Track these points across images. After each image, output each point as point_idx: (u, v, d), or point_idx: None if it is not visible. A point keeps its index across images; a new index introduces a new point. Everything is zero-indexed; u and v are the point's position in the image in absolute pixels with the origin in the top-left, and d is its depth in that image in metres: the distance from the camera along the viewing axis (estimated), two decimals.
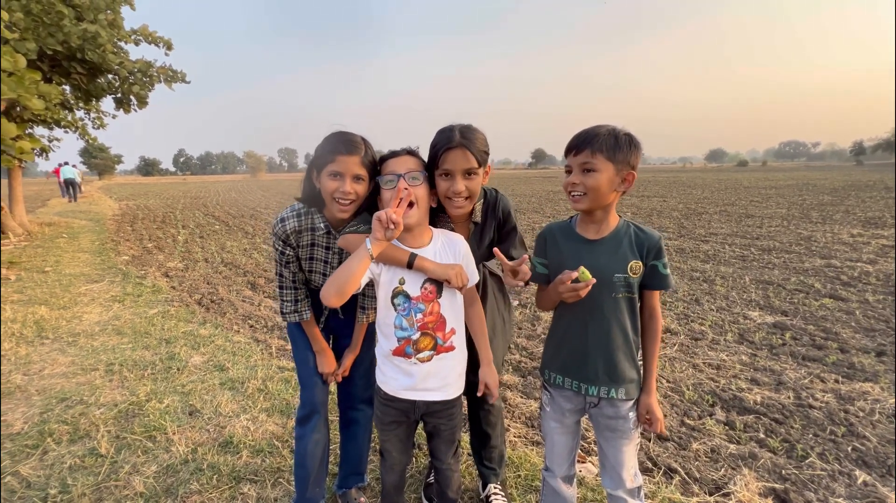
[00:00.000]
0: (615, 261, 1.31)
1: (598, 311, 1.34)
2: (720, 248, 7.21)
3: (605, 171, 1.24)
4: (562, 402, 1.46)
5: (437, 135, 1.44)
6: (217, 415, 2.56)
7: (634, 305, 1.35)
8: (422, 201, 1.35)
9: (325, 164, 1.39)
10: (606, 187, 1.26)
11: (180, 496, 1.92)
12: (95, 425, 2.44)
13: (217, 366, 3.23)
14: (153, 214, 13.80)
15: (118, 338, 3.77)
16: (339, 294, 1.24)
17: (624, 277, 1.30)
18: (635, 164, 1.28)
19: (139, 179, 78.54)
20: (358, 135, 1.45)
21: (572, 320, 1.39)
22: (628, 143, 1.25)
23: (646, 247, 1.31)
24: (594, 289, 1.28)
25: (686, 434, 2.41)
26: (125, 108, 8.68)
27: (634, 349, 1.36)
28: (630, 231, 1.34)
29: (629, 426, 1.38)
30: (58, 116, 8.74)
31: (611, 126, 1.27)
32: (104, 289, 5.36)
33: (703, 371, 3.13)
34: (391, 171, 1.36)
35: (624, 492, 1.43)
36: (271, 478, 2.03)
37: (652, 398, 1.37)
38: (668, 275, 1.33)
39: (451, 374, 1.44)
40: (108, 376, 3.07)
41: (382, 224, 1.17)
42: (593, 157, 1.24)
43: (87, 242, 8.78)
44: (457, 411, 1.50)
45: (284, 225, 1.49)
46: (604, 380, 1.36)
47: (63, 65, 7.10)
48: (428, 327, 1.36)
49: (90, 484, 1.99)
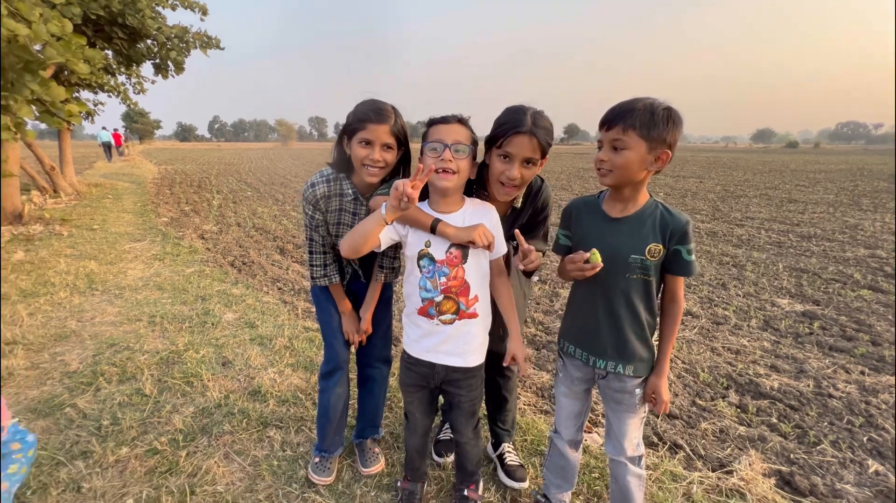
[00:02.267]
0: (634, 241, 1.29)
1: (611, 290, 1.34)
2: (755, 232, 6.92)
3: (637, 148, 1.19)
4: (572, 371, 1.52)
5: (507, 113, 1.39)
6: (247, 366, 2.76)
7: (650, 287, 1.33)
8: (462, 173, 1.34)
9: (356, 131, 1.43)
10: (636, 166, 1.21)
11: (214, 435, 2.12)
12: (140, 369, 2.69)
13: (247, 323, 3.44)
14: (190, 179, 14.34)
15: (159, 293, 4.06)
16: (353, 250, 1.30)
17: (640, 259, 1.28)
18: (672, 142, 1.21)
19: (177, 144, 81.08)
20: (388, 104, 1.48)
21: (587, 295, 1.42)
22: (666, 120, 1.18)
23: (670, 230, 1.27)
24: (609, 268, 1.28)
25: (696, 414, 2.43)
26: (163, 74, 8.92)
27: (647, 330, 1.36)
28: (657, 212, 1.30)
29: (634, 401, 1.41)
30: (102, 81, 9.09)
31: (650, 99, 1.20)
32: (146, 247, 5.71)
33: (721, 355, 3.10)
34: (438, 138, 1.32)
35: (625, 458, 1.49)
36: (295, 426, 2.21)
37: (661, 380, 1.38)
38: (692, 261, 1.28)
39: (472, 342, 1.46)
40: (150, 327, 3.33)
41: (398, 194, 1.20)
42: (625, 133, 1.19)
43: (129, 203, 9.28)
44: (476, 383, 1.52)
45: (314, 189, 1.56)
46: (612, 355, 1.39)
47: (105, 30, 7.31)
48: (451, 291, 1.39)
49: (137, 418, 2.22)
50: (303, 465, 1.94)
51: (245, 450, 2.03)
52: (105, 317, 3.49)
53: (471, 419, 1.57)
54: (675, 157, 13.51)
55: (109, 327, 3.32)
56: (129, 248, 5.65)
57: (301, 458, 1.99)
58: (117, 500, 1.73)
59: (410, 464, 1.72)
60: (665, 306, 1.38)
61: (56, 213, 7.61)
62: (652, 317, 1.37)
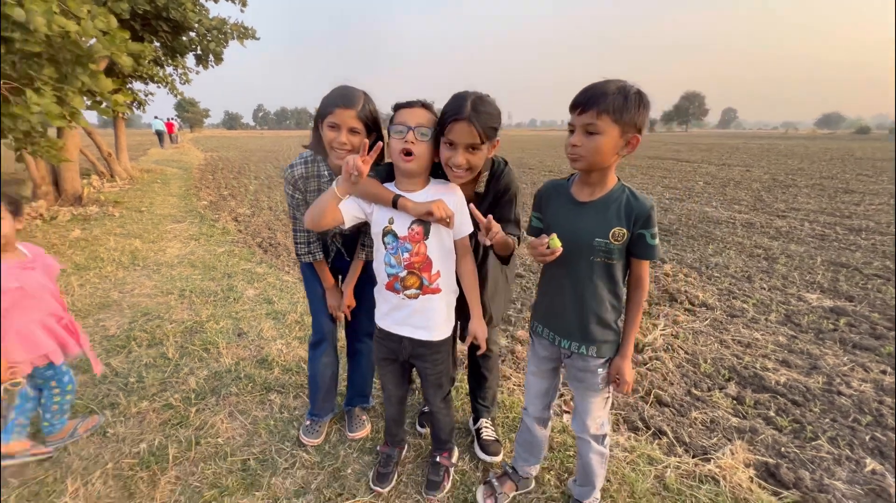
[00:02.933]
0: (598, 225, 1.31)
1: (575, 272, 1.37)
2: (798, 224, 6.49)
3: (610, 133, 1.19)
4: (539, 350, 1.57)
5: (450, 101, 1.42)
6: (259, 338, 2.99)
7: (614, 271, 1.34)
8: (424, 156, 1.40)
9: (326, 115, 1.53)
10: (608, 151, 1.21)
11: (222, 395, 2.34)
12: (167, 336, 2.98)
13: (266, 299, 3.69)
14: (231, 165, 15.11)
15: (191, 270, 4.41)
16: (313, 223, 1.38)
17: (604, 243, 1.30)
18: (641, 126, 1.21)
19: (224, 133, 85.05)
20: (359, 90, 1.56)
21: (553, 276, 1.46)
22: (637, 104, 1.18)
23: (635, 214, 1.28)
24: (573, 251, 1.31)
25: (688, 403, 2.41)
26: (204, 65, 9.43)
27: (611, 312, 1.38)
28: (623, 196, 1.30)
29: (597, 381, 1.45)
30: (151, 72, 9.73)
31: (621, 82, 1.19)
32: (184, 228, 6.16)
33: (729, 347, 3.01)
34: (402, 121, 1.37)
35: (588, 436, 1.54)
36: (294, 392, 2.39)
37: (625, 361, 1.40)
38: (655, 245, 1.30)
39: (436, 316, 1.53)
40: (180, 299, 3.64)
41: (348, 168, 1.25)
42: (598, 118, 1.17)
43: (175, 188, 9.95)
44: (441, 357, 1.59)
45: (293, 170, 1.68)
46: (576, 335, 1.42)
47: (151, 23, 7.80)
48: (414, 267, 1.46)
49: (158, 378, 2.49)
50: (296, 427, 2.11)
51: (247, 411, 2.23)
52: (143, 290, 3.85)
53: (438, 390, 1.66)
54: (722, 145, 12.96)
55: (145, 298, 3.66)
56: (170, 229, 6.11)
57: (296, 421, 2.16)
58: (134, 445, 1.97)
59: (388, 430, 1.85)
60: (630, 290, 1.39)
61: (111, 195, 8.31)
62: (617, 299, 1.38)
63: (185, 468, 1.86)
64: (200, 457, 1.92)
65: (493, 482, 1.74)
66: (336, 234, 1.83)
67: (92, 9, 4.20)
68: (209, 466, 1.86)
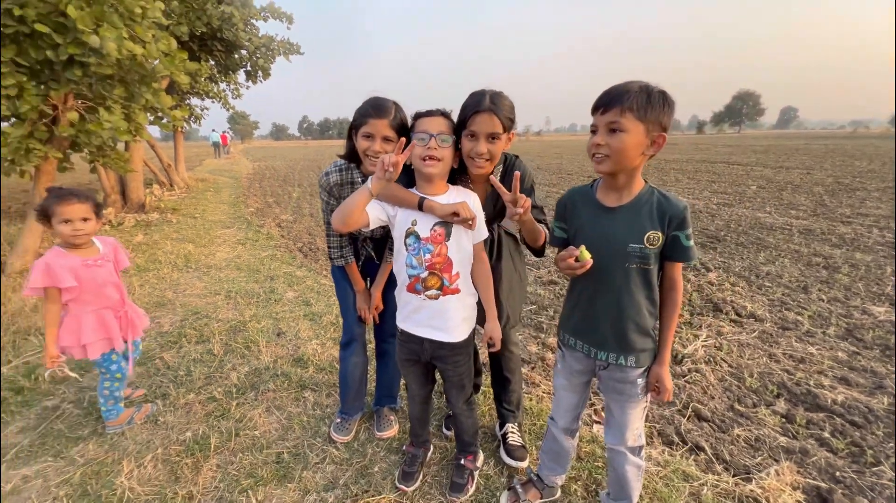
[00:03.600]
0: (631, 231, 1.27)
1: (610, 281, 1.32)
2: (865, 231, 5.96)
3: (634, 131, 1.17)
4: (572, 363, 1.52)
5: (469, 97, 1.52)
6: (296, 337, 3.13)
7: (650, 276, 1.31)
8: (446, 160, 1.48)
9: (360, 125, 1.61)
10: (634, 150, 1.19)
11: (261, 391, 2.48)
12: (213, 333, 3.18)
13: (304, 301, 3.85)
14: (277, 174, 15.91)
15: (237, 273, 4.69)
16: (343, 223, 1.44)
17: (640, 248, 1.26)
18: (667, 125, 1.19)
19: (271, 143, 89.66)
20: (390, 100, 1.63)
21: (585, 286, 1.41)
22: (661, 102, 1.17)
23: (668, 216, 1.24)
24: (606, 259, 1.29)
25: (731, 419, 2.27)
26: (253, 80, 10.05)
27: (649, 319, 1.34)
28: (653, 199, 1.27)
29: (636, 391, 1.40)
30: (206, 88, 10.50)
31: (643, 82, 1.19)
32: (232, 233, 6.56)
33: (779, 362, 2.81)
34: (424, 129, 1.45)
35: (625, 447, 1.48)
36: (326, 390, 2.49)
37: (663, 368, 1.36)
38: (691, 247, 1.26)
39: (455, 317, 1.56)
40: (226, 300, 3.89)
41: (384, 166, 1.30)
42: (622, 115, 1.16)
43: (226, 196, 10.62)
44: (462, 359, 1.62)
45: (328, 178, 1.77)
46: (613, 346, 1.38)
47: (207, 44, 8.43)
48: (435, 267, 1.50)
49: (204, 372, 2.67)
50: (328, 424, 2.19)
51: (283, 406, 2.35)
52: (194, 290, 4.14)
53: (460, 392, 1.68)
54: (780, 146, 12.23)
55: (196, 298, 3.93)
56: (220, 234, 6.53)
57: (327, 418, 2.25)
58: (181, 433, 2.13)
59: (413, 430, 1.88)
60: (664, 293, 1.35)
61: (169, 203, 8.98)
62: (653, 305, 1.34)
63: (224, 457, 1.98)
64: (239, 448, 2.04)
65: (518, 488, 1.73)
66: (367, 238, 1.90)
67: (156, 33, 4.61)
68: (246, 457, 1.97)
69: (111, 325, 2.08)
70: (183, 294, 4.05)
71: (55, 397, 2.45)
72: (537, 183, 1.83)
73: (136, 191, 8.17)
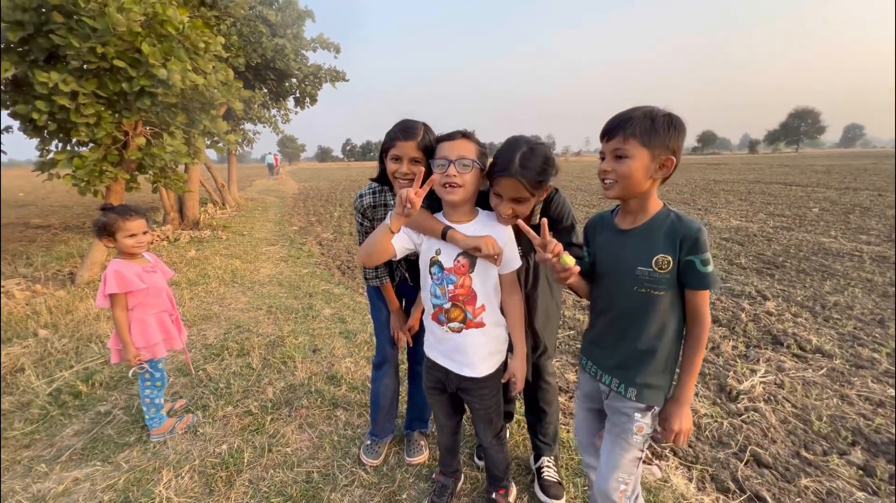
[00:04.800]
0: (641, 253, 1.23)
1: (617, 304, 1.30)
2: None
3: (639, 157, 1.16)
4: (584, 385, 1.47)
5: (501, 150, 1.40)
6: (331, 355, 3.17)
7: (661, 304, 1.22)
8: (468, 186, 1.38)
9: (389, 148, 1.63)
10: (640, 174, 1.18)
11: (294, 407, 2.50)
12: (253, 347, 3.28)
13: (340, 318, 3.92)
14: (320, 194, 16.59)
15: (279, 289, 4.86)
16: (368, 258, 1.41)
17: (648, 272, 1.21)
18: (676, 148, 1.17)
19: (316, 165, 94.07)
20: (419, 122, 1.64)
21: (598, 306, 1.39)
22: (666, 126, 1.15)
23: (680, 238, 1.18)
24: (616, 281, 1.28)
25: (797, 467, 2.04)
26: (301, 106, 10.65)
27: (660, 352, 1.24)
28: (668, 220, 1.22)
29: (630, 428, 1.28)
30: (259, 115, 11.24)
31: (648, 107, 1.18)
32: (276, 250, 6.85)
33: (853, 404, 2.52)
34: (443, 155, 1.38)
35: (601, 497, 1.32)
36: (358, 410, 2.48)
37: (679, 407, 1.24)
38: (708, 273, 1.17)
39: (479, 352, 1.48)
40: (267, 315, 4.02)
41: (402, 202, 1.25)
42: (625, 142, 1.17)
43: (272, 214, 11.16)
44: (489, 392, 1.53)
45: (362, 200, 1.80)
46: (615, 372, 1.32)
47: (262, 73, 9.06)
48: (458, 299, 1.44)
49: (242, 386, 2.74)
50: (357, 445, 2.17)
51: (315, 424, 2.36)
52: (238, 305, 4.32)
53: (488, 426, 1.60)
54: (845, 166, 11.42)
55: (239, 313, 4.10)
56: (265, 251, 6.83)
57: (357, 439, 2.23)
58: (217, 446, 2.18)
59: (442, 459, 1.82)
60: (688, 327, 1.25)
61: (221, 221, 9.55)
62: (667, 338, 1.24)
63: (257, 472, 2.00)
64: (271, 464, 2.05)
65: None
66: (402, 260, 1.91)
67: (216, 65, 5.01)
68: (277, 474, 1.98)
69: (170, 327, 2.28)
70: (228, 308, 4.23)
71: (107, 402, 2.60)
72: (576, 204, 1.74)
73: (193, 209, 8.76)
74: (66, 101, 3.84)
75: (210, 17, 5.92)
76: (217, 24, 6.48)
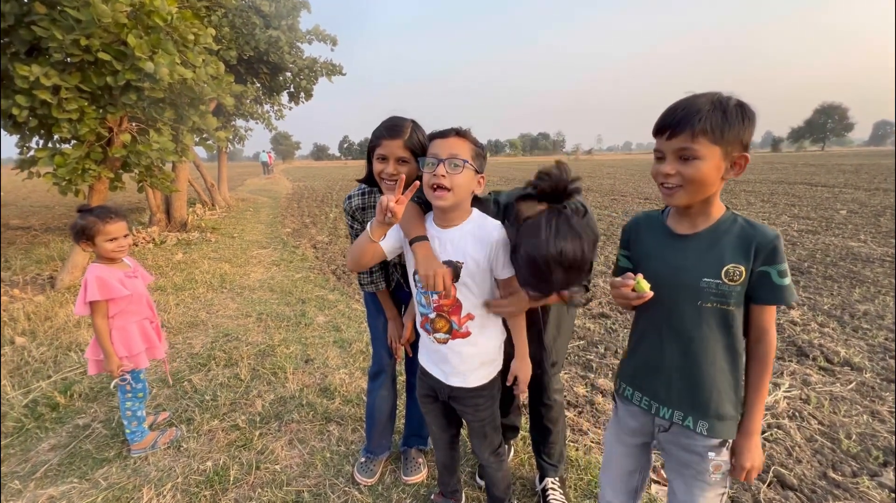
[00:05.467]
0: (706, 262, 1.12)
1: (679, 322, 1.17)
2: None
3: (711, 157, 1.04)
4: (627, 419, 1.33)
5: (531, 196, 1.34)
6: (324, 365, 3.16)
7: (731, 320, 1.12)
8: (459, 189, 1.31)
9: (375, 147, 1.62)
10: (712, 177, 1.06)
11: (284, 421, 2.49)
12: (242, 357, 3.28)
13: (334, 326, 3.91)
14: (315, 194, 16.64)
15: (270, 294, 4.86)
16: (354, 264, 1.42)
17: (716, 283, 1.10)
18: (748, 142, 1.06)
19: (311, 163, 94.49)
20: (407, 119, 1.61)
21: (650, 326, 1.25)
22: (740, 117, 1.03)
23: (754, 246, 1.08)
24: (674, 295, 1.16)
25: (824, 489, 2.01)
26: (295, 101, 10.72)
27: (729, 375, 1.15)
28: (736, 226, 1.12)
29: (706, 468, 1.17)
30: (251, 110, 11.31)
31: (714, 95, 1.05)
32: (268, 254, 6.86)
33: (884, 421, 2.48)
34: (434, 153, 1.34)
35: None
36: (352, 425, 2.46)
37: (748, 440, 1.14)
38: (786, 285, 1.07)
39: (469, 362, 1.46)
40: (257, 322, 4.02)
41: (382, 210, 1.23)
42: (694, 140, 1.04)
43: (264, 216, 11.20)
44: (482, 403, 1.51)
45: (350, 202, 1.80)
46: (679, 403, 1.19)
47: (254, 66, 9.12)
48: (443, 309, 1.41)
49: (230, 398, 2.73)
50: (351, 462, 2.16)
51: (306, 440, 2.34)
52: (226, 311, 4.32)
53: (483, 440, 1.58)
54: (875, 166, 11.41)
55: (227, 320, 4.10)
56: (255, 254, 6.85)
57: (351, 456, 2.22)
58: (202, 462, 2.17)
59: (440, 478, 1.81)
60: (751, 345, 1.15)
61: (210, 222, 9.59)
62: (736, 359, 1.15)
63: (243, 492, 1.99)
64: (258, 483, 2.04)
65: None
66: (397, 264, 1.90)
67: (206, 58, 5.04)
68: (265, 493, 1.97)
69: (151, 336, 2.30)
70: (216, 315, 4.23)
71: (86, 415, 2.60)
72: None
73: (180, 210, 8.79)
74: (48, 95, 3.87)
75: (200, 7, 5.97)
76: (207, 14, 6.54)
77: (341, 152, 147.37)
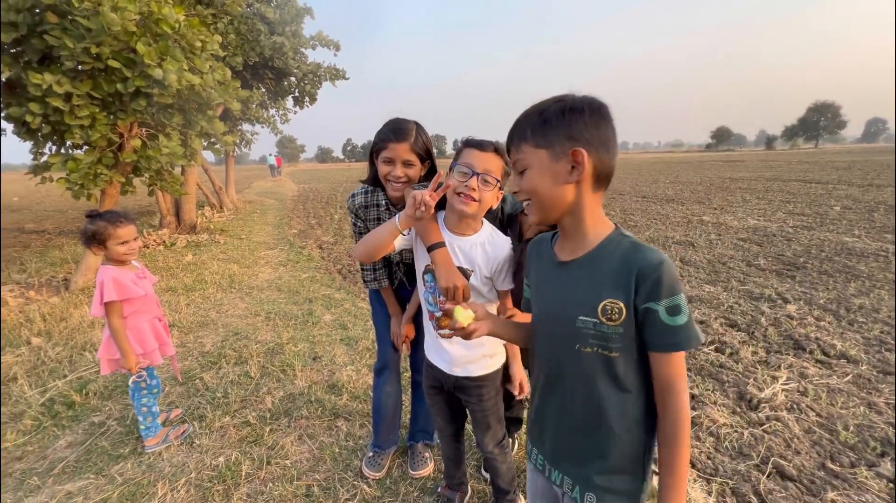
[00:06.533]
0: (581, 296, 0.91)
1: (558, 368, 0.97)
2: None
3: (537, 162, 0.91)
4: (530, 477, 1.15)
5: None
6: (332, 362, 3.16)
7: (617, 369, 0.89)
8: (485, 202, 1.33)
9: (380, 150, 1.62)
10: (546, 182, 0.91)
11: (294, 418, 2.50)
12: (251, 355, 3.28)
13: (341, 324, 3.91)
14: (320, 196, 16.65)
15: (278, 294, 4.86)
16: (367, 255, 1.42)
17: (593, 323, 0.88)
18: (579, 135, 0.87)
19: (316, 166, 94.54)
20: (411, 121, 1.62)
21: (539, 371, 1.05)
22: (559, 113, 0.89)
23: (635, 275, 0.85)
24: (553, 336, 0.97)
25: (823, 480, 2.00)
26: (300, 105, 10.72)
27: (621, 438, 0.91)
28: (619, 250, 0.89)
29: None
30: (257, 115, 11.31)
31: (550, 99, 0.93)
32: (275, 254, 6.87)
33: (881, 413, 2.47)
34: (469, 163, 1.30)
35: None
36: (360, 420, 2.46)
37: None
38: (680, 325, 0.83)
39: (470, 354, 1.48)
40: (266, 321, 4.02)
41: (415, 204, 1.22)
42: (519, 150, 0.94)
43: (271, 217, 11.22)
44: (487, 393, 1.51)
45: (354, 200, 1.80)
46: (568, 468, 0.98)
47: (259, 72, 9.13)
48: None
49: (240, 395, 2.74)
50: (359, 457, 2.16)
51: (315, 435, 2.35)
52: (236, 311, 4.33)
53: (487, 432, 1.58)
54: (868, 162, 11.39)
55: (237, 319, 4.10)
56: (263, 255, 6.86)
57: (359, 450, 2.22)
58: (214, 458, 2.17)
59: (446, 470, 1.81)
60: (658, 407, 0.90)
61: (218, 224, 9.61)
62: (631, 418, 0.91)
63: (255, 486, 1.99)
64: (269, 478, 2.04)
65: None
66: (400, 262, 1.90)
67: (213, 64, 5.04)
68: (276, 487, 1.97)
69: (162, 334, 2.32)
70: (225, 314, 4.24)
71: (102, 413, 2.61)
72: None
73: (189, 212, 8.81)
74: (60, 102, 3.88)
75: (206, 15, 5.97)
76: (214, 22, 6.55)
77: (345, 155, 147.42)
